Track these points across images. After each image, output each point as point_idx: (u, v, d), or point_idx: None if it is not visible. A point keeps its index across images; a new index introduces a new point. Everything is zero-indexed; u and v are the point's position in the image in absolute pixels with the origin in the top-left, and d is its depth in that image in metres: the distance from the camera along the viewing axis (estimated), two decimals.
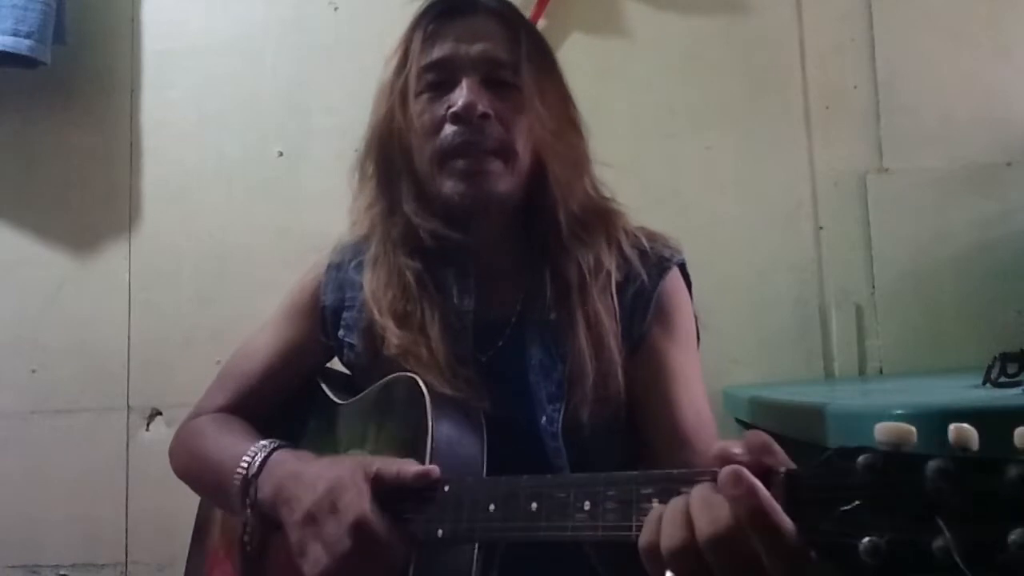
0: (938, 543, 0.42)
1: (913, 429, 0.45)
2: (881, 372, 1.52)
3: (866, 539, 0.44)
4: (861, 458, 0.46)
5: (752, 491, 0.49)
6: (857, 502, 0.46)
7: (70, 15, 1.67)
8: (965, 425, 0.43)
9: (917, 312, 1.52)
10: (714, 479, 0.52)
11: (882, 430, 0.46)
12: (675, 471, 0.57)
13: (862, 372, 1.52)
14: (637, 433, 0.92)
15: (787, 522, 0.48)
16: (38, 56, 1.59)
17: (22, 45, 1.57)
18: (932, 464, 0.43)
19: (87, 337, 1.68)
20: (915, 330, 1.52)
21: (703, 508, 0.51)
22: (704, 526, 0.50)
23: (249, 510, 0.84)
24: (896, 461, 0.45)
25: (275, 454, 0.86)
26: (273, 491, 0.81)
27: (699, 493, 0.52)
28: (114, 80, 1.73)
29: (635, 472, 0.59)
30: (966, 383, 0.97)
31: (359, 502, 0.72)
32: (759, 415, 1.24)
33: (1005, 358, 0.92)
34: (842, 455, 0.47)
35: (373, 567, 0.72)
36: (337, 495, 0.73)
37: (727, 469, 0.50)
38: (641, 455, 0.93)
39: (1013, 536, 0.40)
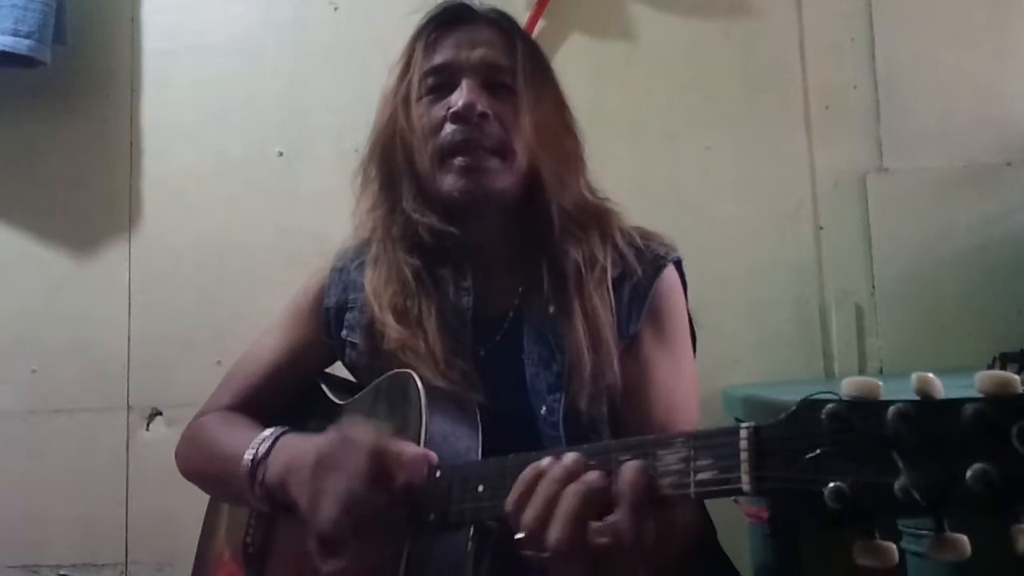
0: (899, 483, 0.43)
1: (879, 384, 0.46)
2: (881, 372, 1.52)
3: (830, 484, 0.46)
4: (826, 408, 0.47)
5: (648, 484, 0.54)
6: (820, 449, 0.47)
7: (70, 15, 1.67)
8: (928, 374, 0.45)
9: (917, 312, 1.52)
10: (686, 443, 0.55)
11: (849, 384, 0.47)
12: (650, 436, 0.59)
13: (862, 372, 1.52)
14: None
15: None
16: (38, 56, 1.59)
17: (22, 45, 1.57)
18: (893, 408, 0.45)
19: (87, 337, 1.68)
20: (915, 330, 1.52)
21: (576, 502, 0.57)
22: (562, 515, 0.56)
23: (256, 491, 0.85)
24: (859, 408, 0.46)
25: (283, 438, 0.87)
26: (282, 469, 0.82)
27: (580, 486, 0.57)
28: (114, 80, 1.73)
29: (613, 440, 0.61)
30: (966, 383, 0.97)
31: (374, 435, 0.73)
32: (758, 415, 1.24)
33: (1005, 358, 0.92)
34: (809, 406, 0.49)
35: (391, 488, 0.72)
36: (349, 434, 0.75)
37: (629, 463, 0.56)
38: None
39: (970, 472, 0.41)
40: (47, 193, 1.73)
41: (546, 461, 0.60)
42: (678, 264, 0.98)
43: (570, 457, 0.59)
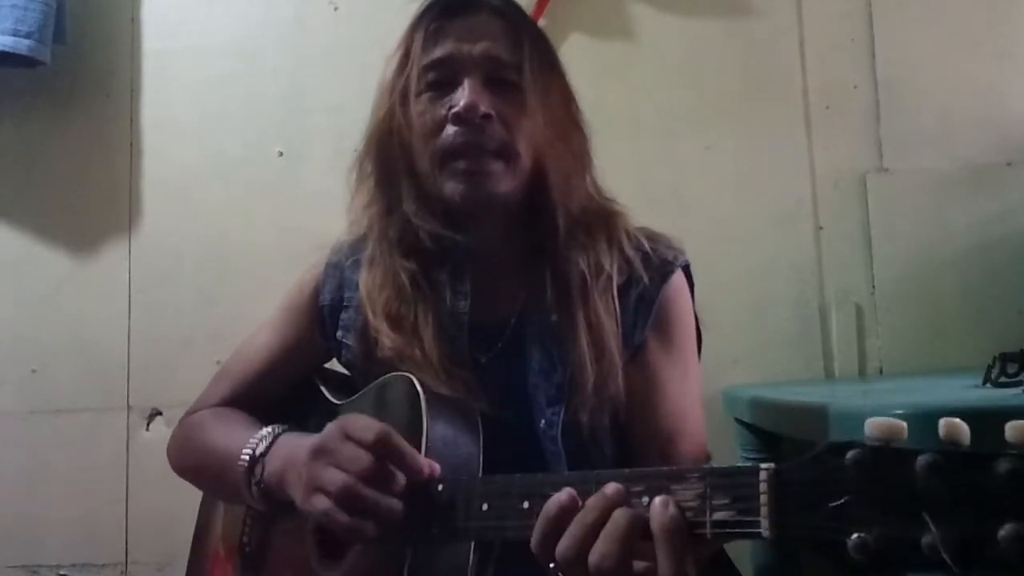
0: (927, 539, 0.42)
1: (904, 425, 0.45)
2: (881, 372, 1.52)
3: (854, 535, 0.44)
4: (850, 453, 0.46)
5: (680, 523, 0.53)
6: (846, 498, 0.46)
7: (70, 15, 1.67)
8: (956, 420, 0.43)
9: (917, 312, 1.52)
10: (702, 479, 0.53)
11: (873, 425, 0.45)
12: (665, 468, 0.58)
13: (862, 372, 1.52)
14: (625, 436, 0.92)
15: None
16: (38, 56, 1.59)
17: (22, 45, 1.56)
18: (922, 459, 0.43)
19: (87, 337, 1.68)
20: (915, 330, 1.52)
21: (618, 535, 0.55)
22: (603, 547, 0.55)
23: (254, 489, 0.84)
24: (885, 456, 0.45)
25: (282, 437, 0.86)
26: (279, 467, 0.81)
27: (629, 510, 0.56)
28: (114, 80, 1.73)
29: (626, 470, 0.60)
30: (966, 383, 0.97)
31: (374, 423, 0.71)
32: (759, 415, 1.24)
33: (1005, 358, 0.92)
34: (832, 451, 0.47)
35: (392, 489, 0.70)
36: (347, 425, 0.73)
37: (661, 497, 0.55)
38: (633, 457, 0.93)
39: (1003, 532, 0.39)
40: (47, 193, 1.72)
41: (567, 496, 0.59)
42: (686, 268, 0.96)
43: (612, 487, 0.58)
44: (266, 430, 0.87)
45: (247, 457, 0.85)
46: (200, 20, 1.73)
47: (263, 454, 0.84)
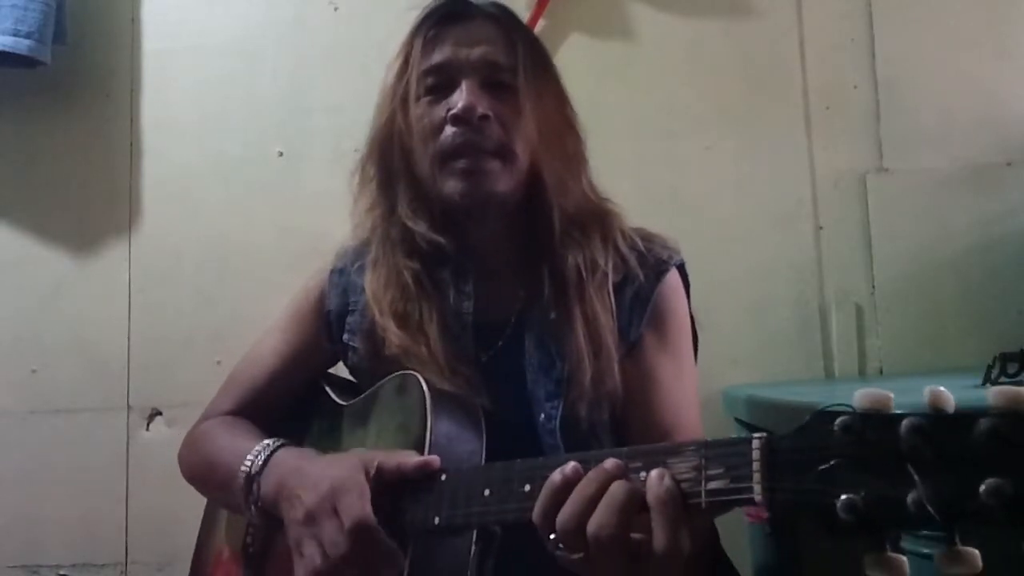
0: (912, 496, 0.43)
1: (891, 394, 0.47)
2: (881, 372, 1.52)
3: (843, 496, 0.46)
4: (838, 420, 0.48)
5: (675, 494, 0.54)
6: (834, 461, 0.47)
7: (70, 15, 1.67)
8: (941, 388, 0.45)
9: (917, 312, 1.52)
10: (697, 451, 0.55)
11: (861, 396, 0.47)
12: (661, 444, 0.59)
13: (862, 372, 1.52)
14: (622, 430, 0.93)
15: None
16: (38, 56, 1.59)
17: (22, 45, 1.56)
18: (906, 422, 0.45)
19: (87, 337, 1.68)
20: (915, 330, 1.52)
21: (614, 506, 0.56)
22: (602, 519, 0.56)
23: (252, 508, 0.85)
24: (872, 421, 0.47)
25: (278, 452, 0.87)
26: (275, 488, 0.82)
27: (628, 483, 0.57)
28: (114, 80, 1.73)
29: (623, 448, 0.61)
30: (966, 383, 0.97)
31: (360, 505, 0.73)
32: (758, 415, 1.24)
33: (1005, 358, 0.92)
34: (821, 418, 0.49)
35: (366, 572, 0.73)
36: (338, 496, 0.74)
37: (657, 470, 0.56)
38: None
39: (984, 486, 0.41)
40: (47, 193, 1.72)
41: (572, 467, 0.60)
42: (681, 267, 0.97)
43: (611, 461, 0.59)
44: (260, 446, 0.88)
45: (244, 474, 0.86)
46: (200, 20, 1.73)
47: (259, 472, 0.86)
